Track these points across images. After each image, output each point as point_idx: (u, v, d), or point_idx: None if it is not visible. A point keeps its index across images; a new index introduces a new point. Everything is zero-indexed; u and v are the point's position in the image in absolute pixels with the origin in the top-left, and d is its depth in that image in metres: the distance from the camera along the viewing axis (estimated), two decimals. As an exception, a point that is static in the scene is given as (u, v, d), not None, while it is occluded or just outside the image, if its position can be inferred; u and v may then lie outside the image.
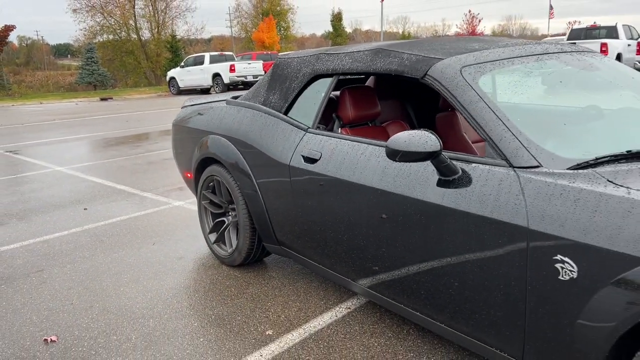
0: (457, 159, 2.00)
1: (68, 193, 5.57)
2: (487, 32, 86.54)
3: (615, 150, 1.82)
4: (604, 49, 14.42)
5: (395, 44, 2.55)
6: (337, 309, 2.81)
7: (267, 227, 3.03)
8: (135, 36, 36.52)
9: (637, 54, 13.81)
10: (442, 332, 2.14)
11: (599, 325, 1.54)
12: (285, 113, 2.92)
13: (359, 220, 2.33)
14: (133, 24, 36.37)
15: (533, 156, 1.81)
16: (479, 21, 53.90)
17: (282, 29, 38.18)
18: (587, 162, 1.76)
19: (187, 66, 23.49)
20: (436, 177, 2.01)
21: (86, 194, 5.50)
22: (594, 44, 14.58)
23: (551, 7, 54.57)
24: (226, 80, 20.97)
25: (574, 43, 14.31)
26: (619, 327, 1.49)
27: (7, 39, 29.23)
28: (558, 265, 1.63)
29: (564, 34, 17.87)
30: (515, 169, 1.82)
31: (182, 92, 23.09)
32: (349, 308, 2.81)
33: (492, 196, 1.82)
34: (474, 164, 1.94)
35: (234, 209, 3.34)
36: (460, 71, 2.13)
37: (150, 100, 21.31)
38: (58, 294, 3.12)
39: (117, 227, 4.32)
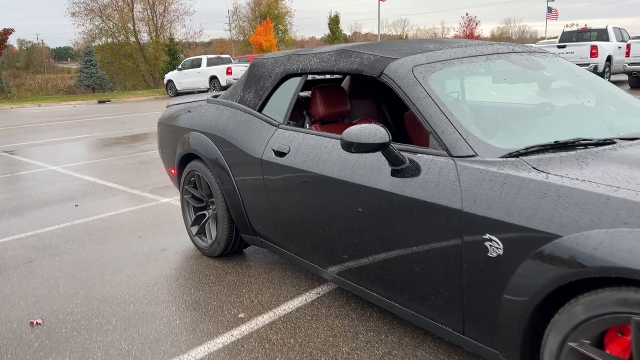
0: (406, 151, 2.18)
1: (61, 191, 5.75)
2: (487, 35, 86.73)
3: (545, 141, 2.00)
4: (594, 52, 14.61)
5: (358, 46, 2.73)
6: (308, 294, 2.99)
7: (244, 219, 3.20)
8: (134, 39, 36.76)
9: (626, 57, 13.97)
10: (399, 312, 2.31)
11: (520, 299, 1.71)
12: (260, 110, 3.10)
13: (323, 210, 2.51)
14: (132, 28, 36.64)
15: (470, 147, 1.98)
16: (476, 24, 54.22)
17: (280, 32, 38.45)
18: (518, 151, 1.94)
19: (185, 69, 23.71)
20: (388, 167, 2.19)
21: (78, 191, 5.68)
22: (585, 47, 14.77)
23: (550, 10, 54.86)
24: (223, 83, 21.18)
25: (564, 46, 14.54)
26: (535, 298, 1.66)
27: (6, 42, 29.44)
28: (487, 244, 1.81)
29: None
30: (454, 158, 1.99)
31: (179, 94, 23.28)
32: (319, 294, 2.99)
33: (433, 183, 1.99)
34: (419, 155, 2.12)
35: (214, 203, 3.52)
36: (412, 70, 2.31)
37: (147, 103, 21.50)
38: (46, 283, 3.29)
39: (106, 222, 4.50)
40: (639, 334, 1.46)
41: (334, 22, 42.13)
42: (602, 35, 15.89)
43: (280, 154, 2.77)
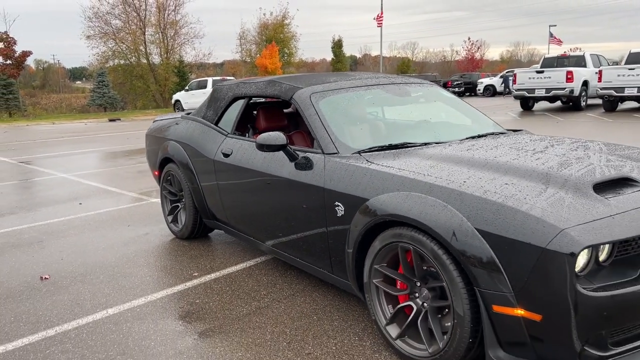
0: (299, 150, 3.17)
1: (68, 193, 6.79)
2: (496, 57, 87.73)
3: (384, 144, 2.99)
4: (569, 77, 15.61)
5: (281, 78, 3.76)
6: (248, 262, 3.96)
7: (204, 206, 4.20)
8: (145, 61, 38.27)
9: (598, 82, 14.95)
10: (300, 265, 3.27)
11: (352, 241, 2.68)
12: (216, 124, 4.12)
13: (252, 193, 3.50)
14: (143, 50, 38.17)
15: (335, 147, 2.97)
16: (478, 48, 55.63)
17: (285, 55, 39.88)
18: (362, 150, 2.92)
19: (192, 89, 25.02)
20: (288, 161, 3.18)
21: (83, 193, 6.72)
22: (561, 72, 15.78)
23: (551, 35, 56.27)
24: (226, 103, 22.33)
25: (542, 71, 15.54)
26: (358, 238, 2.63)
27: (24, 63, 31.02)
28: (336, 208, 2.78)
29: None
30: (325, 154, 2.98)
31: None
32: (257, 262, 3.96)
33: (312, 171, 2.98)
34: (307, 153, 3.11)
35: (184, 196, 4.52)
36: (310, 96, 3.31)
37: (154, 121, 22.67)
38: (52, 254, 4.30)
39: (103, 216, 5.51)
40: (403, 253, 2.43)
41: (337, 45, 43.63)
42: (580, 61, 16.90)
43: (226, 155, 3.77)
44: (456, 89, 35.10)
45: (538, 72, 16.32)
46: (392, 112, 3.63)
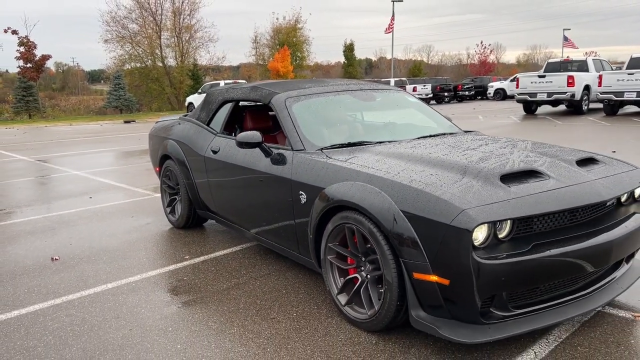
0: (274, 147, 3.64)
1: (80, 188, 7.35)
2: (512, 60, 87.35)
3: (345, 142, 3.46)
4: (570, 81, 15.89)
5: (263, 84, 4.24)
6: (235, 248, 4.44)
7: (197, 198, 4.69)
8: (161, 64, 39.19)
9: (598, 86, 15.21)
10: (277, 249, 3.74)
11: (312, 224, 3.14)
12: (207, 124, 4.62)
13: (236, 185, 3.98)
14: (159, 53, 39.10)
15: (302, 145, 3.44)
16: (490, 52, 55.74)
17: (297, 58, 40.48)
18: (324, 147, 3.39)
19: (205, 92, 25.64)
20: (264, 157, 3.65)
21: (93, 188, 7.28)
22: (562, 77, 16.07)
23: (565, 38, 56.37)
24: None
25: (544, 76, 15.84)
26: (316, 221, 3.09)
27: (43, 66, 31.99)
28: (300, 196, 3.25)
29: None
30: (294, 151, 3.45)
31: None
32: (242, 247, 4.44)
33: (282, 165, 3.45)
34: (280, 150, 3.58)
35: (180, 189, 5.02)
36: (285, 100, 3.79)
37: (168, 123, 23.33)
38: (62, 240, 4.83)
39: (111, 208, 6.05)
40: (350, 233, 2.89)
41: (349, 49, 44.15)
42: (582, 66, 17.16)
43: (215, 152, 4.26)
44: (466, 93, 35.38)
45: (540, 76, 16.62)
46: (358, 114, 4.08)
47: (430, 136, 3.71)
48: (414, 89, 32.40)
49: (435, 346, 2.70)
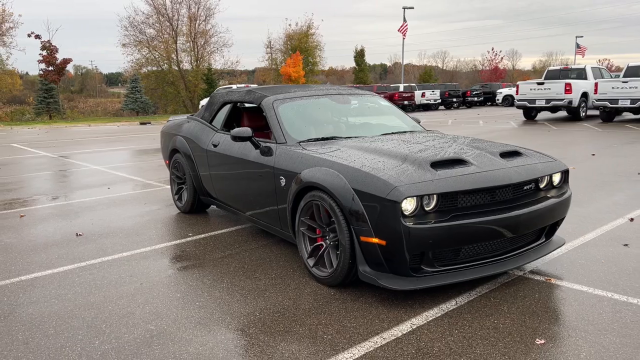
0: (262, 141, 4.38)
1: (99, 180, 8.17)
2: (528, 67, 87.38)
3: (319, 136, 4.18)
4: (567, 88, 16.47)
5: (257, 88, 4.98)
6: (232, 228, 5.18)
7: (200, 186, 5.45)
8: (176, 68, 40.27)
9: (594, 93, 15.76)
10: (265, 227, 4.47)
11: (290, 203, 3.86)
12: (210, 122, 5.38)
13: (231, 173, 4.72)
14: (175, 58, 40.19)
15: (285, 139, 4.17)
16: (501, 58, 56.15)
17: (309, 63, 41.36)
18: (302, 141, 4.12)
19: (217, 96, 26.53)
20: (254, 149, 4.39)
21: (111, 181, 8.08)
22: (559, 84, 16.65)
23: (578, 45, 56.83)
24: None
25: (542, 83, 16.42)
26: (292, 199, 3.81)
27: (64, 70, 33.18)
28: (281, 180, 3.98)
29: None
30: (277, 144, 4.19)
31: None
32: (239, 228, 5.18)
33: (267, 155, 4.19)
34: (267, 143, 4.32)
35: (186, 179, 5.78)
36: (272, 103, 4.53)
37: (181, 125, 24.23)
38: (85, 221, 5.61)
39: (126, 197, 6.83)
40: (316, 208, 3.61)
41: (359, 55, 44.97)
42: (581, 74, 17.70)
43: (215, 146, 5.01)
44: (475, 99, 35.92)
45: (539, 83, 17.20)
46: (334, 114, 4.81)
47: (392, 133, 4.43)
48: (422, 95, 33.04)
49: (379, 296, 3.40)
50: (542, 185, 3.71)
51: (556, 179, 3.80)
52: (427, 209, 3.17)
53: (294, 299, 3.42)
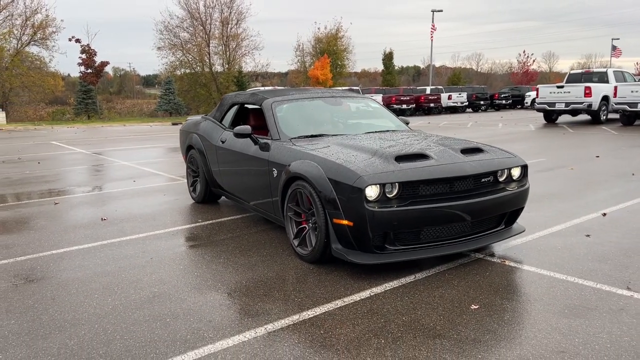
0: (260, 137, 4.96)
1: (126, 174, 8.93)
2: (566, 70, 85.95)
3: (309, 134, 4.75)
4: (587, 92, 16.56)
5: (259, 91, 5.59)
6: (237, 216, 5.79)
7: (212, 178, 6.08)
8: (209, 70, 41.45)
9: (614, 97, 15.82)
10: (264, 214, 5.06)
11: (280, 191, 4.44)
12: (220, 121, 6.01)
13: (235, 166, 5.33)
14: (207, 61, 41.38)
15: (279, 135, 4.75)
16: (533, 61, 55.51)
17: (337, 66, 41.97)
18: (294, 137, 4.69)
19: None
20: (253, 145, 4.98)
21: (137, 175, 8.83)
22: (579, 87, 16.76)
23: (614, 48, 55.98)
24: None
25: (562, 86, 16.57)
26: (281, 188, 4.39)
27: (102, 72, 34.67)
28: (273, 172, 4.56)
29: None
30: (272, 140, 4.77)
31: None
32: (243, 216, 5.79)
33: (265, 150, 4.77)
34: (264, 139, 4.90)
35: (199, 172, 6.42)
36: (271, 104, 5.11)
37: (211, 125, 25.16)
38: (110, 208, 6.31)
39: (149, 189, 7.54)
40: (300, 196, 4.17)
41: (388, 57, 45.32)
42: (602, 77, 17.76)
43: (223, 142, 5.63)
44: (503, 101, 35.78)
45: (559, 87, 17.34)
46: (325, 115, 5.36)
47: (375, 132, 4.96)
48: (449, 97, 33.19)
49: (350, 271, 3.93)
50: (501, 179, 4.18)
51: (515, 173, 4.26)
52: (389, 195, 3.69)
53: (278, 272, 3.99)
